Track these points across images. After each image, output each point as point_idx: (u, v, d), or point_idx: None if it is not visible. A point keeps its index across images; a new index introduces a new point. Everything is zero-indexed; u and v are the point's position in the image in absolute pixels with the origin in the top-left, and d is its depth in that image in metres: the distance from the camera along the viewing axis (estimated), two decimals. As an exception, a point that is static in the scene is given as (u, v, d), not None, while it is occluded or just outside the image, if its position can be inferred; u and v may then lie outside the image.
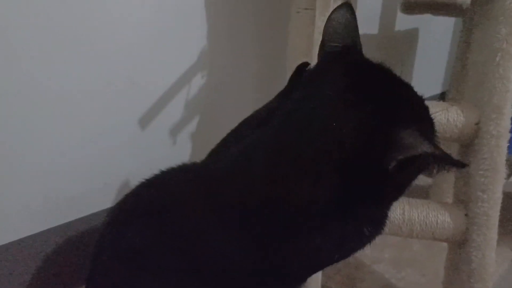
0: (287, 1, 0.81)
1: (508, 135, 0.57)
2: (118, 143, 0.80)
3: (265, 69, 1.00)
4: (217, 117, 0.95)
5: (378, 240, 0.93)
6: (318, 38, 0.65)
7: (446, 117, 0.60)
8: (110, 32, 0.74)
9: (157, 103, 0.83)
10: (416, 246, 0.91)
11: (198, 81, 0.88)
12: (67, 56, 0.70)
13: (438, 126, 0.59)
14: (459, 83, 0.84)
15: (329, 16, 0.52)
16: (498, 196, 0.57)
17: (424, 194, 1.00)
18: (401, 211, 0.61)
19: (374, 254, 0.88)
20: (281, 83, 0.96)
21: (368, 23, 1.24)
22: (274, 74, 1.01)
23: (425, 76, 1.48)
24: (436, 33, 1.46)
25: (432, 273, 0.83)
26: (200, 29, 0.85)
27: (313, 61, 0.83)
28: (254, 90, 1.01)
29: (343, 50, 0.50)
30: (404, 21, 1.33)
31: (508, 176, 0.63)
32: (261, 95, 1.01)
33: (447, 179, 0.91)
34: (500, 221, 0.61)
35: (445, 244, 0.91)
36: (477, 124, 0.59)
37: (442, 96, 1.50)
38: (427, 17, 1.39)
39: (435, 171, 0.41)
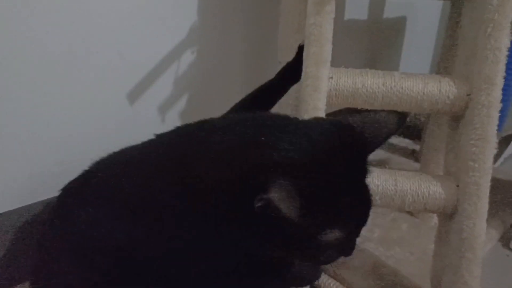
0: (280, -24, 0.80)
1: (499, 106, 0.57)
2: (106, 119, 0.79)
3: (256, 46, 0.99)
4: (207, 95, 0.94)
5: (368, 220, 0.94)
6: (310, 11, 0.64)
7: (439, 89, 0.60)
8: (99, 3, 0.72)
9: (145, 78, 0.82)
10: (405, 226, 0.92)
11: (188, 57, 0.86)
12: (51, 21, 0.68)
13: (430, 98, 0.61)
14: (447, 63, 0.85)
15: (379, 113, 0.52)
16: (489, 166, 0.58)
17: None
18: (393, 182, 0.62)
19: (363, 234, 0.88)
20: (273, 60, 0.96)
21: (357, 8, 1.24)
22: (266, 51, 1.00)
23: (412, 63, 1.49)
24: (422, 22, 1.47)
25: (420, 251, 0.84)
26: (190, 3, 0.84)
27: (304, 37, 0.82)
28: (245, 67, 1.00)
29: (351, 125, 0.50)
30: (392, 9, 1.34)
31: (496, 157, 0.64)
32: (252, 72, 1.01)
33: (435, 159, 0.92)
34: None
35: (432, 224, 0.93)
36: (468, 95, 0.60)
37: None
38: (415, 6, 1.41)
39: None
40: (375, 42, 1.34)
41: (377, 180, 0.62)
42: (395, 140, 1.43)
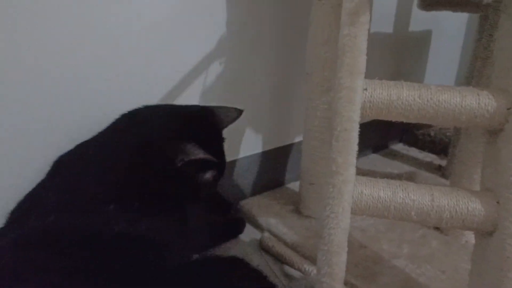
0: (310, -12, 0.80)
1: (542, 119, 0.55)
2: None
3: (284, 58, 0.99)
4: (235, 106, 0.93)
5: (396, 235, 0.92)
6: (344, 22, 0.63)
7: (477, 102, 0.58)
8: (130, 14, 0.73)
9: (174, 89, 0.82)
10: (434, 242, 0.89)
11: (215, 68, 0.87)
12: (84, 33, 0.69)
13: (469, 111, 0.59)
14: (481, 76, 0.83)
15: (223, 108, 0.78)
16: (532, 182, 0.55)
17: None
18: (430, 197, 0.59)
19: (392, 249, 0.86)
20: (300, 72, 0.95)
21: (383, 22, 1.24)
22: (293, 63, 1.00)
23: (437, 76, 1.47)
24: (448, 36, 1.46)
25: (452, 269, 0.81)
26: (220, 15, 0.84)
27: (333, 49, 0.82)
28: (273, 79, 1.00)
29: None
30: (418, 23, 1.33)
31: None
32: (280, 83, 1.01)
33: (466, 174, 0.90)
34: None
35: (463, 241, 0.90)
36: (509, 109, 0.58)
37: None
38: (441, 19, 1.39)
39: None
40: (400, 55, 1.33)
41: (413, 195, 0.60)
42: (420, 155, 1.40)
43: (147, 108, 0.73)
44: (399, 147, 1.48)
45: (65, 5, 0.65)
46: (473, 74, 0.89)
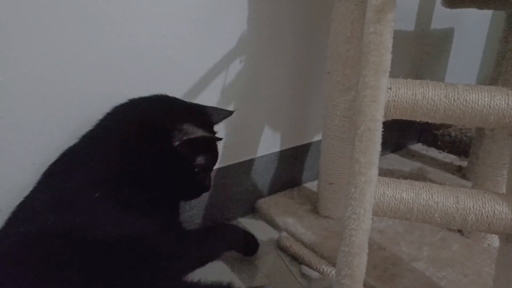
0: (333, -15, 0.79)
1: None
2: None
3: (303, 56, 0.98)
4: (254, 103, 0.93)
5: (415, 237, 0.90)
6: (370, 19, 0.62)
7: (507, 102, 0.57)
8: (151, 10, 0.73)
9: (194, 86, 0.82)
10: (455, 245, 0.88)
11: (236, 66, 0.86)
12: (106, 28, 0.69)
13: (497, 112, 0.57)
14: (508, 75, 0.81)
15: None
16: (562, 186, 0.54)
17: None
18: (455, 199, 0.58)
19: (412, 252, 0.85)
20: (319, 71, 0.94)
21: (405, 19, 1.21)
22: (313, 62, 0.99)
23: (458, 75, 1.45)
24: (470, 34, 1.43)
25: (474, 273, 0.79)
26: (240, 12, 0.84)
27: (355, 47, 0.81)
28: (292, 78, 0.99)
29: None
30: (440, 20, 1.30)
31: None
32: (300, 81, 1.00)
33: (490, 176, 0.87)
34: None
35: (485, 245, 0.88)
36: (539, 110, 0.56)
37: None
38: (463, 17, 1.36)
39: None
40: (421, 54, 1.30)
41: (437, 197, 0.58)
42: (439, 155, 1.38)
43: (139, 98, 0.70)
44: (417, 147, 1.46)
45: (87, 4, 0.66)
46: (500, 74, 0.87)
